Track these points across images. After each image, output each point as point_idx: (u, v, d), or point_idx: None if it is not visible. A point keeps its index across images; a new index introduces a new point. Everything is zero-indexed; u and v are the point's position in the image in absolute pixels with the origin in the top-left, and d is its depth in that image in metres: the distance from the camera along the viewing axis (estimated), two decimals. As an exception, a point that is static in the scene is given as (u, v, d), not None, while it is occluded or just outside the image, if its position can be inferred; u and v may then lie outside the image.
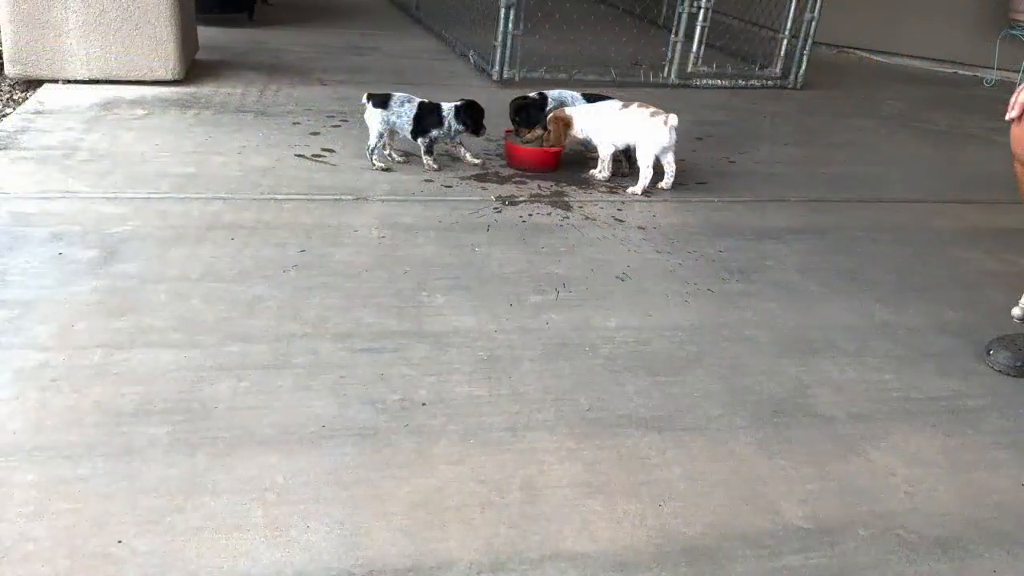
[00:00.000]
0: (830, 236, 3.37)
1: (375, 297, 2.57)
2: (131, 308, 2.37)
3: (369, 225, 3.10)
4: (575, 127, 3.75)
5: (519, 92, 5.36)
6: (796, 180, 4.07)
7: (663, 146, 3.59)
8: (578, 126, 3.75)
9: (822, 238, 3.35)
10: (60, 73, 4.53)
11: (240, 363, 2.15)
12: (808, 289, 2.88)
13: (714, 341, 2.47)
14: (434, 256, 2.89)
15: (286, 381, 2.10)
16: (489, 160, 3.98)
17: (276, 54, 5.83)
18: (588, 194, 3.65)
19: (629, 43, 6.64)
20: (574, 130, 3.76)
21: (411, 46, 6.60)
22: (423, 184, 3.57)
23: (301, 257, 2.78)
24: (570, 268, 2.89)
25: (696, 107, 5.39)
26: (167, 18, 4.54)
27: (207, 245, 2.80)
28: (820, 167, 4.32)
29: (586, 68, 5.79)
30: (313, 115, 4.45)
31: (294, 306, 2.47)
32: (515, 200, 3.49)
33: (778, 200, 3.76)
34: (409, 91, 3.83)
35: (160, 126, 4.01)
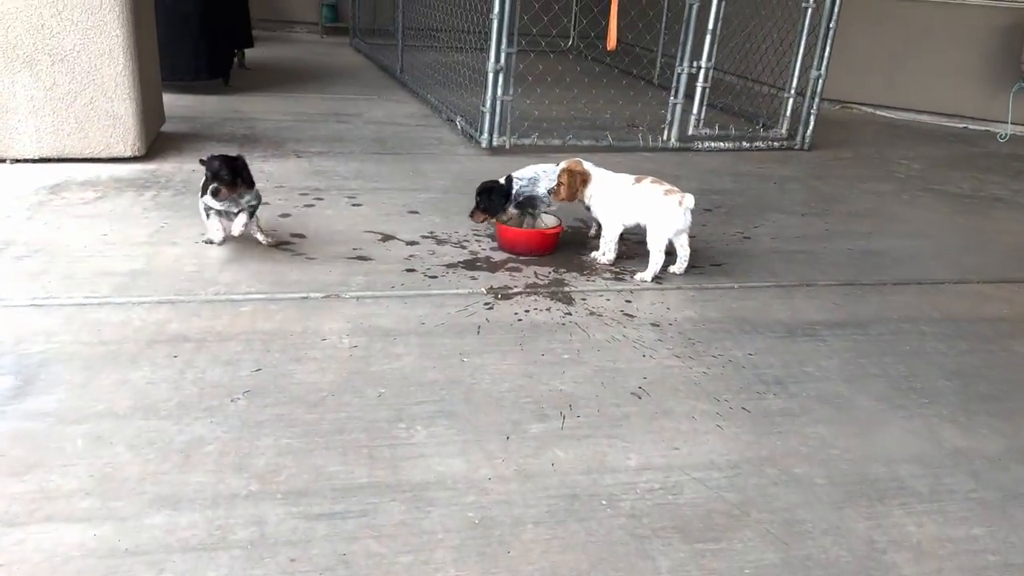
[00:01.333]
0: (872, 331, 2.94)
1: (341, 433, 2.11)
2: (38, 462, 1.90)
3: (340, 331, 2.66)
4: (589, 188, 3.33)
5: (510, 160, 5.03)
6: (821, 258, 3.66)
7: (678, 229, 3.18)
8: (592, 189, 3.33)
9: (863, 333, 2.91)
10: (7, 152, 4.13)
11: (163, 543, 1.68)
12: (859, 405, 2.44)
13: (759, 485, 2.01)
14: (415, 371, 2.44)
15: (219, 571, 1.63)
16: (479, 241, 3.57)
17: (250, 123, 5.46)
18: (591, 282, 3.22)
19: (625, 104, 6.34)
20: (588, 191, 3.33)
21: (395, 111, 6.25)
22: (404, 275, 3.15)
23: (255, 378, 2.33)
24: (576, 382, 2.44)
25: (700, 173, 5.02)
26: (125, 91, 4.16)
27: (144, 367, 2.35)
28: (845, 241, 3.91)
29: (580, 132, 5.43)
30: (285, 193, 4.04)
31: (239, 451, 2.00)
32: (509, 292, 3.06)
33: (805, 284, 3.34)
34: (393, 161, 3.42)
35: (112, 211, 3.58)
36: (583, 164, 3.37)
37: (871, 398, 2.48)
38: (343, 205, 3.94)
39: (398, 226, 3.70)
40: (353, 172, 4.51)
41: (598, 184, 3.33)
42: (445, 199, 4.15)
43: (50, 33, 3.99)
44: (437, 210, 3.97)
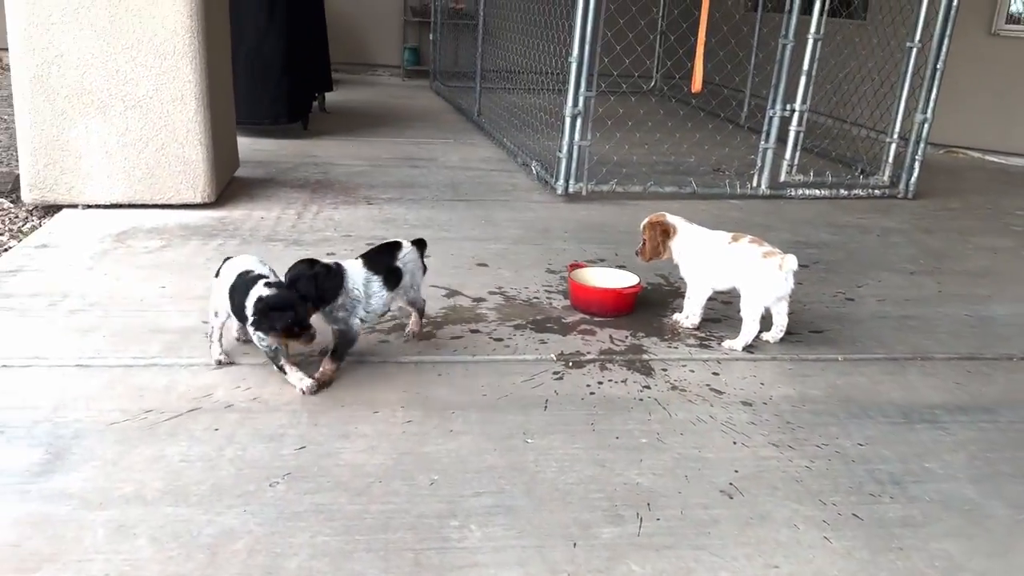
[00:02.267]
0: (1001, 417, 2.54)
1: (385, 531, 1.86)
2: (52, 555, 1.72)
3: (394, 402, 2.43)
4: (675, 243, 3.01)
5: (587, 208, 4.79)
6: (936, 326, 3.25)
7: (777, 296, 2.84)
8: (678, 245, 3.01)
9: (991, 420, 2.51)
10: (79, 197, 4.11)
11: (170, 670, 1.46)
12: (993, 513, 2.05)
13: (877, 621, 1.67)
14: (472, 454, 2.18)
15: None
16: (551, 299, 3.31)
17: (324, 168, 5.38)
18: (673, 348, 2.92)
19: (710, 148, 6.02)
20: (674, 246, 3.01)
21: (470, 155, 6.10)
22: (468, 337, 2.91)
23: (298, 458, 2.11)
24: (656, 474, 2.13)
25: (793, 223, 4.66)
26: (197, 137, 4.10)
27: (181, 441, 2.16)
28: (961, 306, 3.49)
29: (662, 178, 5.14)
30: (352, 243, 3.88)
31: (271, 550, 1.77)
32: (581, 359, 2.78)
33: (920, 358, 2.95)
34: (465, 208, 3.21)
35: (174, 261, 3.48)
36: (667, 216, 3.08)
37: (1006, 504, 2.09)
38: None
39: (465, 280, 3.48)
40: (423, 220, 4.33)
41: (686, 239, 3.00)
42: (516, 250, 3.92)
43: (124, 79, 3.97)
44: (507, 262, 3.74)
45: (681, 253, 3.02)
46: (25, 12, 3.82)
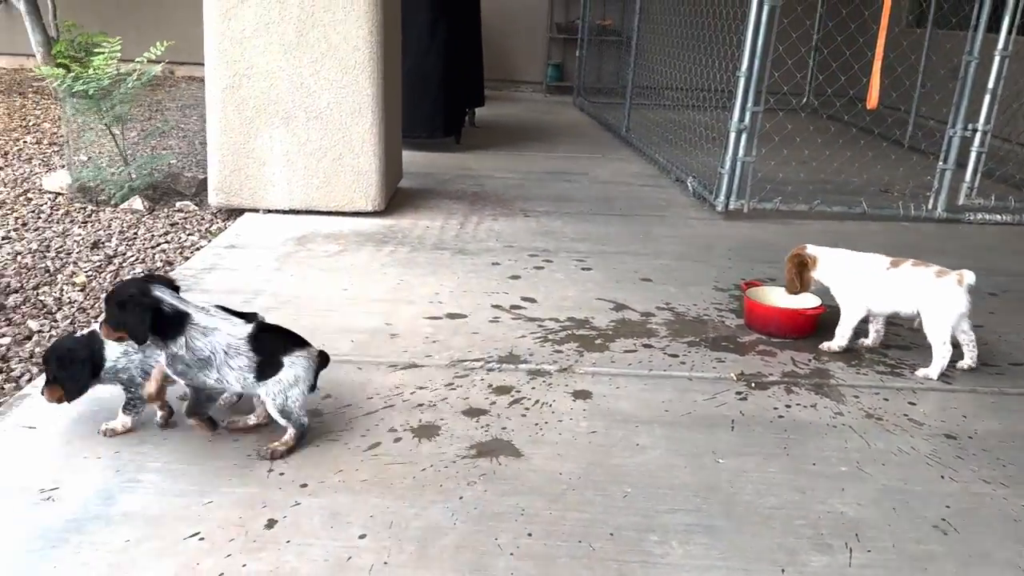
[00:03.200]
0: None
1: (586, 539, 1.86)
2: (272, 540, 1.81)
3: (574, 411, 2.43)
4: (818, 272, 2.95)
5: (748, 226, 4.67)
6: None
7: (960, 313, 2.70)
8: (822, 273, 2.95)
9: None
10: (261, 202, 4.36)
11: (398, 656, 1.50)
12: None
13: None
14: (662, 469, 2.16)
15: None
16: (723, 317, 3.24)
17: (479, 181, 5.49)
18: (862, 374, 2.79)
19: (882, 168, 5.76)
20: (817, 275, 2.96)
21: (621, 170, 6.08)
22: (642, 351, 2.88)
23: (488, 460, 2.15)
24: (860, 503, 2.04)
25: (974, 249, 4.38)
26: (371, 149, 4.28)
27: (382, 440, 2.24)
28: None
29: (829, 197, 4.95)
30: (514, 253, 3.94)
31: (477, 548, 1.81)
32: (764, 381, 2.71)
33: None
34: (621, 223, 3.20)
35: (353, 265, 3.64)
36: (807, 247, 3.01)
37: None
38: (572, 268, 3.77)
39: (630, 295, 3.46)
40: (580, 233, 4.35)
41: (831, 265, 2.94)
42: (679, 267, 3.87)
43: (308, 91, 4.20)
44: (672, 279, 3.69)
45: (830, 279, 2.95)
46: (221, 28, 4.11)
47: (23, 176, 5.06)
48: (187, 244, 4.02)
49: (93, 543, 1.75)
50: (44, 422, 2.21)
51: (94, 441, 2.13)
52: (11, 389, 2.51)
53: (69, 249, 3.82)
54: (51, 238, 3.96)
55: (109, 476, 1.99)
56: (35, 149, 5.83)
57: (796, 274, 2.97)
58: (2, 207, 4.42)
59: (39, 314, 3.08)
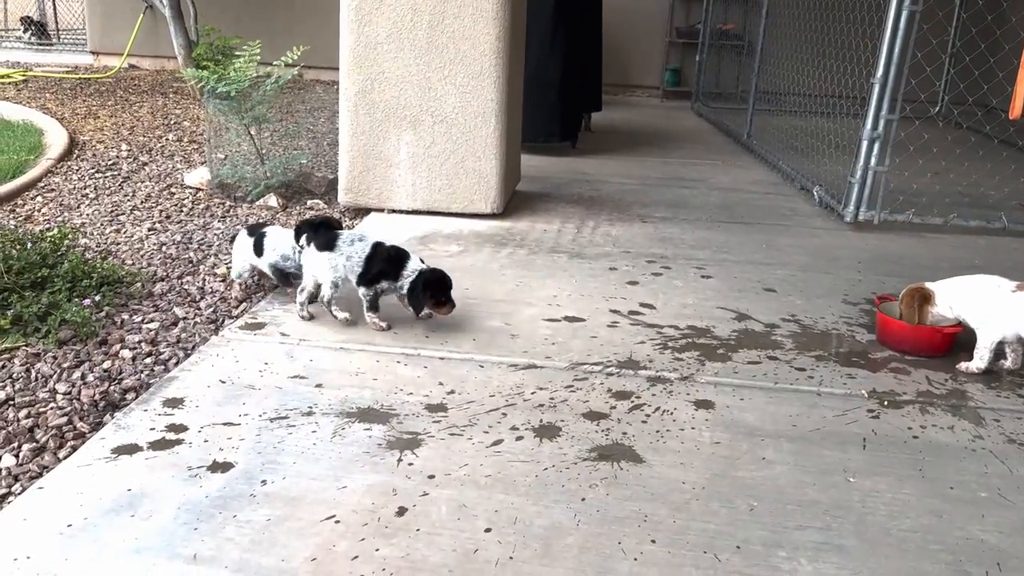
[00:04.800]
0: None
1: (711, 550, 1.84)
2: (403, 527, 1.88)
3: (696, 420, 2.41)
4: (938, 308, 2.89)
5: (879, 238, 4.48)
6: None
7: None
8: (943, 306, 2.88)
9: None
10: (386, 203, 4.51)
11: (525, 650, 1.53)
12: None
13: None
14: (790, 484, 2.11)
15: None
16: (853, 332, 3.13)
17: (595, 186, 5.50)
18: (1003, 396, 2.64)
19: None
20: (937, 307, 2.89)
21: (741, 177, 5.96)
22: (767, 363, 2.82)
23: (610, 465, 2.16)
24: (1002, 532, 1.94)
25: None
26: (493, 152, 4.36)
27: (504, 437, 2.28)
28: None
29: (965, 211, 4.70)
30: (631, 259, 3.93)
31: (600, 551, 1.82)
32: (897, 399, 2.60)
33: None
34: (742, 231, 3.14)
35: (473, 266, 3.72)
36: (926, 285, 2.93)
37: None
38: (691, 276, 3.72)
39: (752, 304, 3.39)
40: (699, 241, 4.29)
41: (950, 294, 2.87)
42: (805, 277, 3.76)
43: (435, 95, 4.31)
44: (796, 290, 3.59)
45: (956, 309, 2.86)
46: (356, 33, 4.27)
47: (166, 172, 5.41)
48: (316, 240, 4.20)
49: (237, 520, 1.87)
50: (191, 399, 2.36)
51: (235, 424, 2.27)
52: (160, 371, 2.70)
53: (210, 242, 4.06)
54: (193, 231, 4.22)
55: (252, 458, 2.11)
56: (176, 147, 6.22)
57: (918, 308, 2.90)
58: (148, 200, 4.74)
59: (184, 302, 3.29)
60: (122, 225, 4.27)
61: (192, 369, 2.58)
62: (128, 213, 4.48)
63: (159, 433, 2.21)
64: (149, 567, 1.71)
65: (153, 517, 1.86)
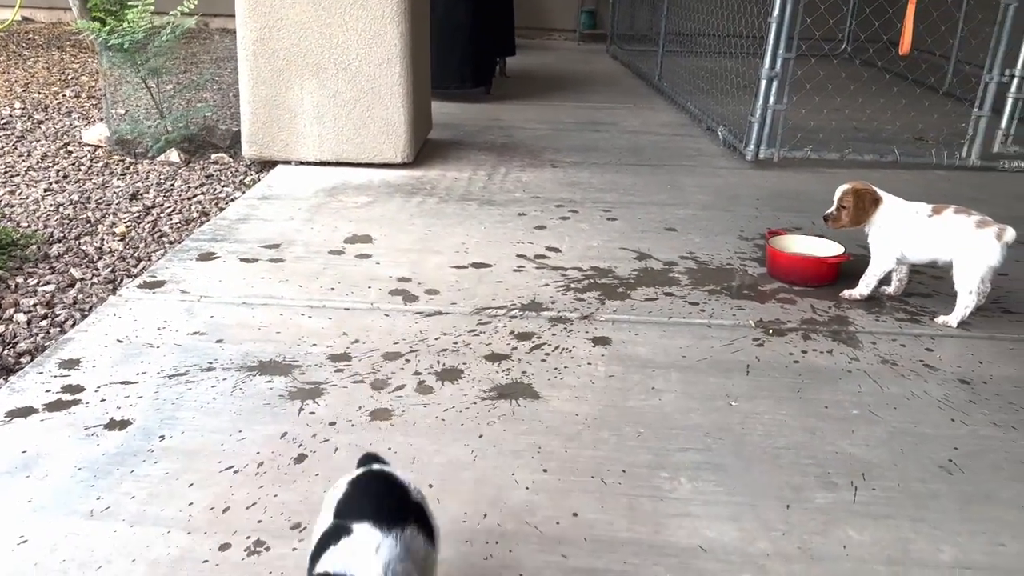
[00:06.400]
0: None
1: (598, 474, 1.94)
2: (301, 472, 1.93)
3: (593, 356, 2.51)
4: (877, 215, 2.88)
5: (778, 175, 4.63)
6: None
7: (991, 267, 2.69)
8: (879, 216, 2.88)
9: None
10: (292, 154, 4.45)
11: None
12: None
13: (1125, 613, 1.58)
14: (676, 411, 2.23)
15: (472, 621, 1.52)
16: (746, 266, 3.27)
17: (508, 132, 5.51)
18: (880, 321, 2.82)
19: (916, 115, 5.65)
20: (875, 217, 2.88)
21: (651, 119, 6.05)
22: (662, 299, 2.94)
23: (508, 402, 2.24)
24: (868, 445, 2.10)
25: (1008, 198, 4.32)
26: (400, 100, 4.32)
27: (407, 382, 2.34)
28: None
29: (860, 146, 4.89)
30: (541, 204, 3.99)
31: (494, 482, 1.90)
32: (782, 327, 2.75)
33: None
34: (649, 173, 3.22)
35: (382, 216, 3.72)
36: (872, 186, 2.95)
37: None
38: (598, 219, 3.81)
39: (653, 244, 3.50)
40: (607, 184, 4.37)
41: (888, 210, 2.88)
42: (705, 216, 3.89)
43: (337, 42, 4.24)
44: (696, 228, 3.72)
45: (879, 224, 2.90)
46: (253, -19, 4.15)
47: (63, 129, 5.20)
48: (222, 195, 4.13)
49: (135, 475, 1.88)
50: (88, 360, 2.34)
51: (133, 383, 2.26)
52: (56, 334, 2.65)
53: (109, 200, 3.95)
54: (91, 190, 4.10)
55: (150, 415, 2.11)
56: (74, 103, 5.96)
57: (870, 209, 2.87)
58: (44, 160, 4.57)
59: (81, 263, 3.22)
60: (16, 187, 4.11)
61: (89, 330, 2.55)
62: (23, 174, 4.31)
63: (55, 395, 2.19)
64: (46, 525, 1.72)
65: (49, 477, 1.86)
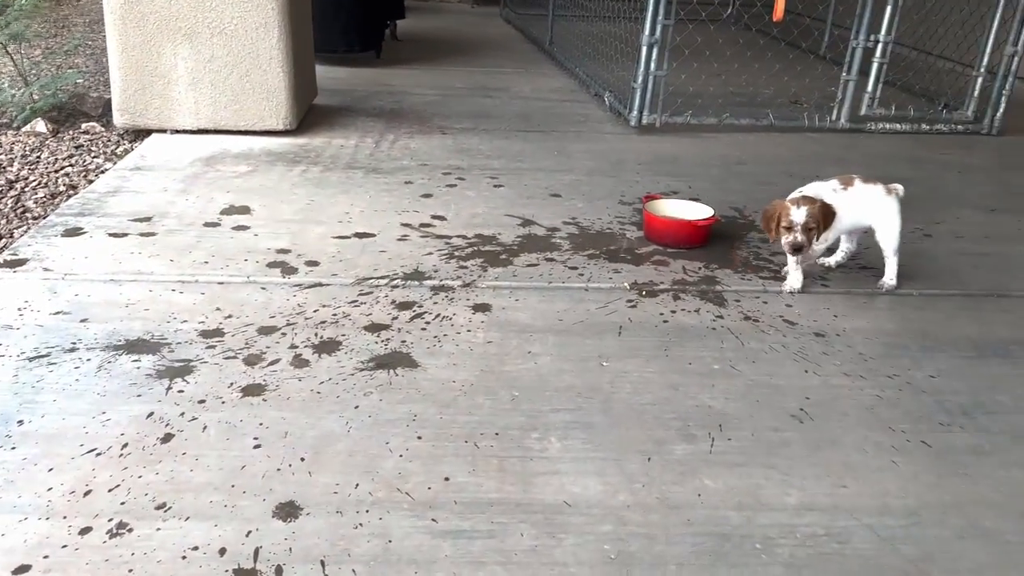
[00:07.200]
0: (1081, 355, 2.53)
1: (472, 438, 1.99)
2: (171, 452, 1.90)
3: (473, 323, 2.55)
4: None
5: (660, 140, 4.76)
6: (1015, 264, 3.21)
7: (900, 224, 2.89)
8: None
9: (1070, 357, 2.51)
10: (168, 122, 4.28)
11: (284, 553, 1.62)
12: (1066, 446, 2.08)
13: (941, 538, 1.74)
14: (551, 373, 2.30)
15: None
16: (625, 230, 3.36)
17: (398, 98, 5.45)
18: (746, 280, 2.96)
19: (789, 80, 5.88)
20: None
21: (542, 85, 6.08)
22: (543, 265, 3.00)
23: (386, 372, 2.25)
24: (727, 398, 2.22)
25: (872, 158, 4.57)
26: (279, 65, 4.21)
27: (282, 356, 2.32)
28: (1044, 244, 3.43)
29: (738, 110, 5.07)
30: (428, 172, 3.98)
31: (368, 452, 1.93)
32: (654, 289, 2.85)
33: (997, 295, 2.93)
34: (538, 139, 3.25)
35: (262, 186, 3.63)
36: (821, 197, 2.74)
37: (1081, 440, 2.11)
38: (485, 186, 3.83)
39: (539, 210, 3.55)
40: (497, 150, 4.39)
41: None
42: (589, 181, 3.97)
43: (211, 5, 4.08)
44: (580, 194, 3.79)
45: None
46: (116, -60, 3.93)
47: (-85, 99, 4.84)
48: (92, 167, 3.95)
49: (-7, 462, 1.82)
50: (-60, 349, 2.23)
51: (-8, 366, 2.17)
52: (-92, 318, 2.50)
53: (-34, 175, 3.72)
54: (-53, 164, 3.85)
55: (7, 400, 2.03)
56: (-72, 70, 5.54)
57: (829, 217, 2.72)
58: None
59: (-64, 242, 3.03)
60: None
61: (-60, 314, 2.41)
62: None
63: (-99, 384, 2.08)
64: None
65: None
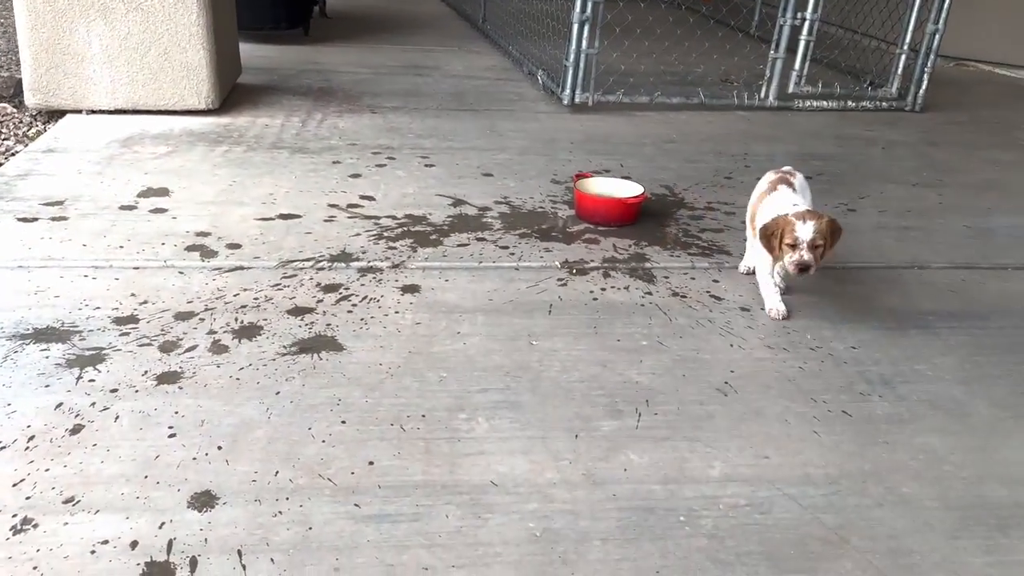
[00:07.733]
0: (993, 323, 2.61)
1: (398, 421, 1.96)
2: (81, 443, 1.82)
3: (401, 305, 2.50)
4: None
5: (592, 119, 4.76)
6: (934, 237, 3.30)
7: None
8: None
9: (983, 327, 2.59)
10: (83, 103, 4.09)
11: (199, 544, 1.56)
12: (978, 412, 2.15)
13: (861, 506, 1.77)
14: (479, 353, 2.27)
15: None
16: (556, 209, 3.35)
17: (327, 76, 5.32)
18: (675, 257, 2.97)
19: (719, 58, 5.93)
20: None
21: (475, 64, 6.01)
22: (473, 245, 2.96)
23: (309, 356, 2.20)
24: (655, 373, 2.22)
25: (800, 135, 4.64)
26: (200, 42, 4.05)
27: (200, 342, 2.24)
28: (961, 218, 3.53)
29: (670, 88, 5.09)
30: (357, 151, 3.89)
31: (289, 439, 1.87)
32: (585, 267, 2.85)
33: (917, 267, 3.01)
34: (470, 118, 3.20)
35: (182, 167, 3.50)
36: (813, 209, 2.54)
37: (991, 404, 2.18)
38: (415, 166, 3.77)
39: (470, 190, 3.51)
40: (428, 129, 4.32)
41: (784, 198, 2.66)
42: (521, 160, 3.94)
43: (125, -19, 3.90)
44: (512, 173, 3.76)
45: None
46: (20, -91, 3.73)
47: None
48: (1, 150, 3.75)
49: None
50: None
51: None
52: None
53: None
54: None
55: (-99, 394, 1.92)
56: None
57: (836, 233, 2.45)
58: None
59: None
60: None
61: None
62: None
63: None
64: None
65: None
